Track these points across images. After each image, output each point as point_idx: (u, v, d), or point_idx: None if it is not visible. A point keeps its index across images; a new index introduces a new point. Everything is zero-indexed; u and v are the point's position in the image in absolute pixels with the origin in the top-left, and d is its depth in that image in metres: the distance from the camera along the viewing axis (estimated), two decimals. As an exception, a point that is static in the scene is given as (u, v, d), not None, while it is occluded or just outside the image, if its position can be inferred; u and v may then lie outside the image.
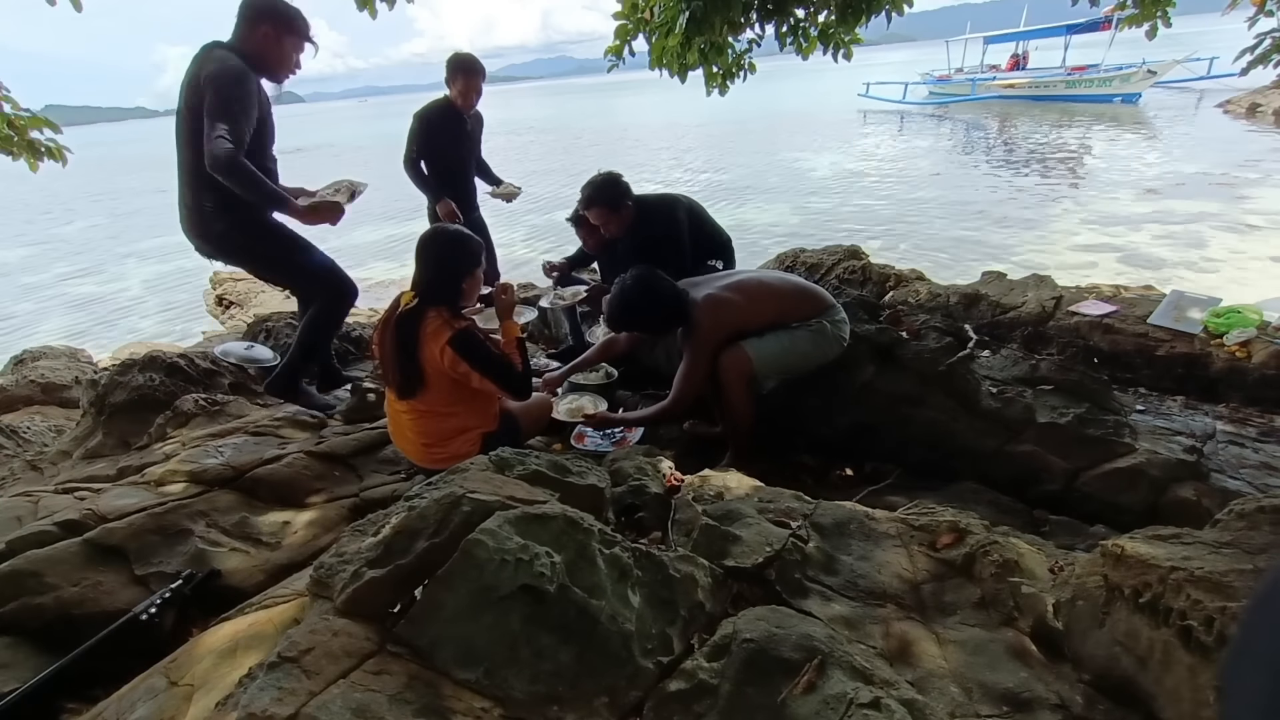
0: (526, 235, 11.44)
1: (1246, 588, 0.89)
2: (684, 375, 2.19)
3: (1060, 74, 22.98)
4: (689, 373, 2.19)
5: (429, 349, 1.88)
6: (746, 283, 2.28)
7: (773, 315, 2.24)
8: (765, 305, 2.24)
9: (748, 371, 2.18)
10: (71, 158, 3.54)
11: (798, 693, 0.96)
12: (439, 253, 1.96)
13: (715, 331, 2.18)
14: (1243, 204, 8.76)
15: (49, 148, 3.29)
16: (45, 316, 9.64)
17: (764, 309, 2.23)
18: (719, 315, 2.18)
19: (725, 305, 2.18)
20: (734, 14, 2.92)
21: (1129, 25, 3.46)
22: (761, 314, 2.23)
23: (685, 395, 2.20)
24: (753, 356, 2.18)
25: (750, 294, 2.23)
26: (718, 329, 2.18)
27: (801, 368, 2.29)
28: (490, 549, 1.04)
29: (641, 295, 2.19)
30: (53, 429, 3.39)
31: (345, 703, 0.87)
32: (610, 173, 2.85)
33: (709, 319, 2.18)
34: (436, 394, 1.95)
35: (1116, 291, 3.70)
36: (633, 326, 2.34)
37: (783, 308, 2.26)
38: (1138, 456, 2.02)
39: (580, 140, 27.31)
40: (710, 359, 2.19)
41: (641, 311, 2.22)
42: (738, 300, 2.20)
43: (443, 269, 1.96)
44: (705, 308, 2.19)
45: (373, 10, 2.46)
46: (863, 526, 1.44)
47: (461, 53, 3.40)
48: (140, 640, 1.45)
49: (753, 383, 2.24)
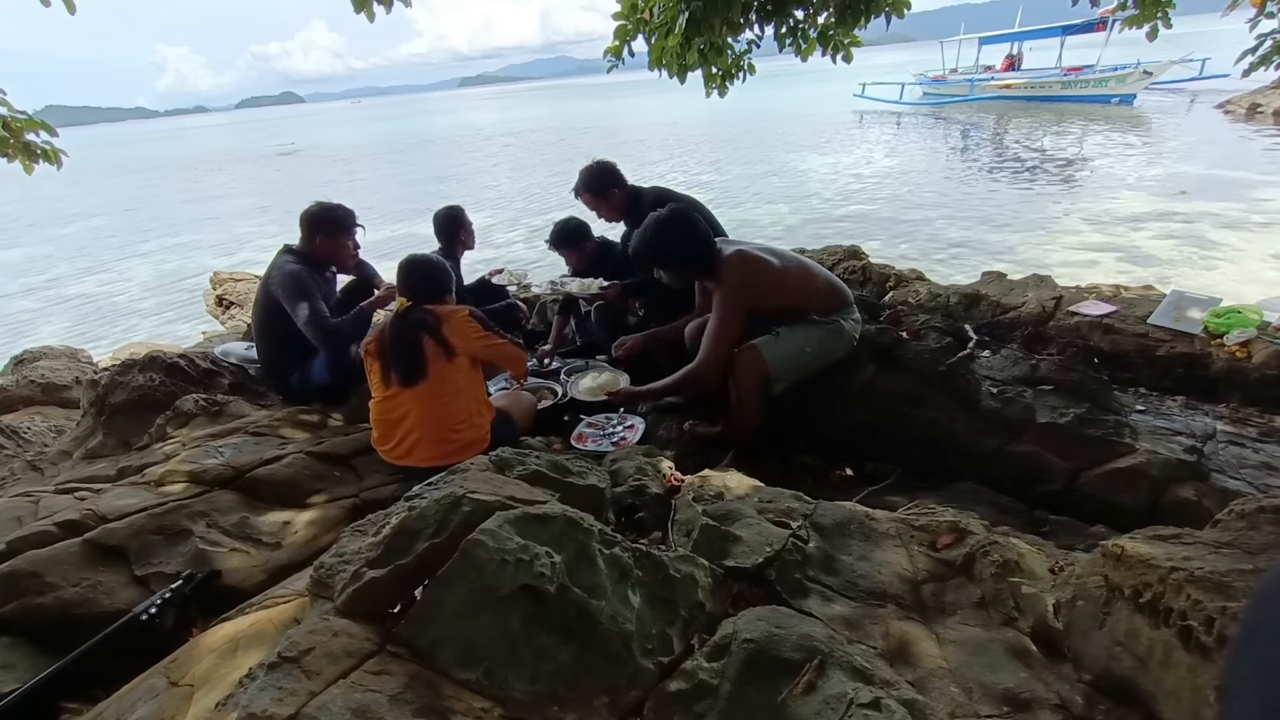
0: (527, 235, 11.48)
1: (1247, 588, 0.88)
2: (715, 334, 2.08)
3: (1056, 75, 23.01)
4: (720, 331, 2.07)
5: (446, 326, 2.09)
6: (780, 251, 2.22)
7: (798, 293, 2.17)
8: (794, 280, 2.16)
9: (763, 375, 2.15)
10: (72, 159, 3.54)
11: (798, 693, 0.96)
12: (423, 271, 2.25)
13: (745, 290, 2.08)
14: (1243, 204, 8.76)
15: (45, 150, 3.28)
16: (46, 316, 9.65)
17: (792, 283, 2.16)
18: (749, 272, 2.08)
19: (757, 264, 2.09)
20: (733, 15, 2.92)
21: (1129, 26, 3.45)
22: (788, 286, 2.14)
23: (716, 356, 2.08)
24: (768, 359, 2.14)
25: (784, 261, 2.16)
26: (746, 288, 2.08)
27: (814, 368, 2.25)
28: (490, 549, 1.04)
29: (675, 227, 2.11)
30: (53, 429, 3.39)
31: (345, 703, 0.87)
32: (600, 160, 2.89)
33: (738, 276, 2.08)
34: (437, 378, 2.07)
35: (1116, 291, 3.70)
36: (660, 261, 2.23)
37: (809, 290, 2.19)
38: (1138, 456, 2.02)
39: (580, 141, 27.32)
40: (742, 318, 2.08)
41: (673, 243, 2.13)
42: (772, 263, 2.11)
43: (431, 281, 2.23)
44: (736, 263, 2.09)
45: (370, 13, 2.45)
46: (863, 526, 1.44)
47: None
48: (140, 640, 1.45)
49: (766, 386, 2.20)
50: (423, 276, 2.22)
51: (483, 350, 2.18)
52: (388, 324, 2.15)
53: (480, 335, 2.16)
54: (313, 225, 2.63)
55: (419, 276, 2.22)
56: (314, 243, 2.64)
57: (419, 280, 2.21)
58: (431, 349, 2.06)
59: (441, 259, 2.36)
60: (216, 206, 19.29)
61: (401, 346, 2.07)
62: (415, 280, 2.21)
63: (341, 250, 2.70)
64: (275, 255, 2.65)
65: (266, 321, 2.62)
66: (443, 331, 2.08)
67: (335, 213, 2.66)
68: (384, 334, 2.13)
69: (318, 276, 2.63)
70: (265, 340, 2.70)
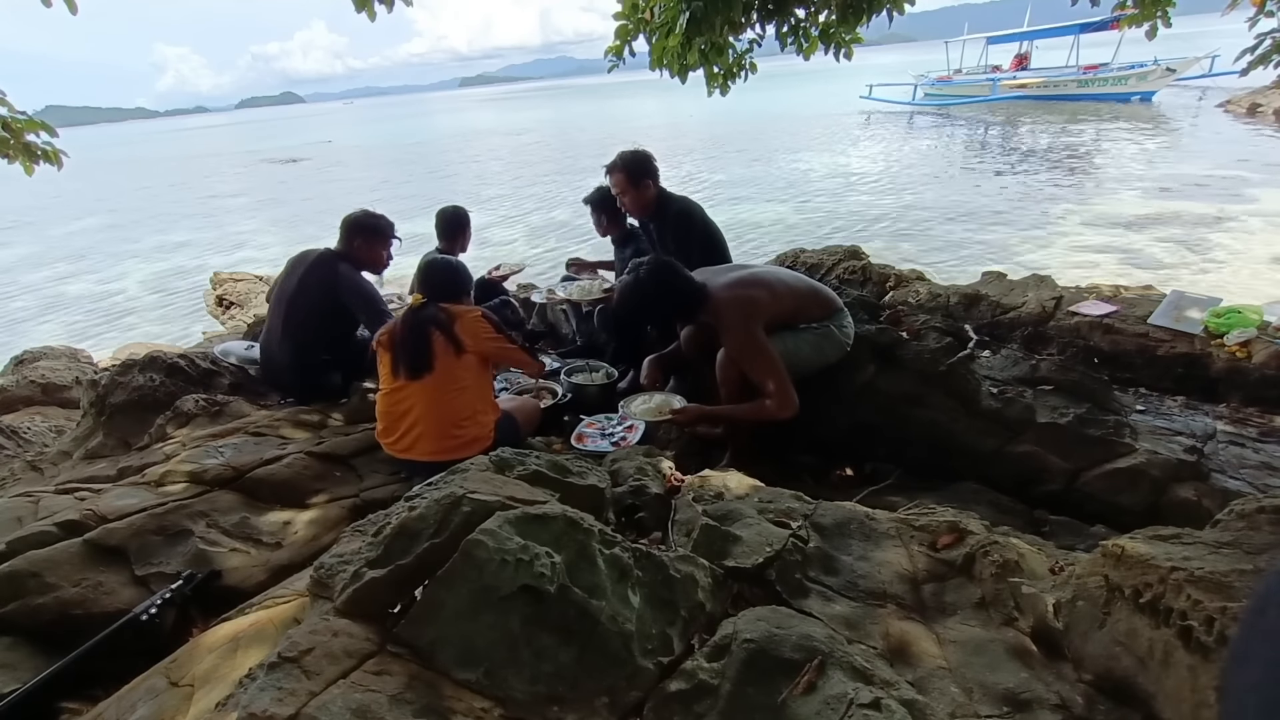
0: (528, 234, 11.49)
1: (1247, 588, 0.88)
2: (763, 369, 2.04)
3: (1072, 73, 22.64)
4: (764, 364, 2.04)
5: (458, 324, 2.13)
6: (765, 277, 2.23)
7: (790, 312, 2.20)
8: (785, 302, 2.19)
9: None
10: (73, 159, 3.54)
11: (798, 693, 0.96)
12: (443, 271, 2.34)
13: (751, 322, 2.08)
14: (1243, 204, 8.76)
15: (45, 151, 3.28)
16: (46, 317, 9.65)
17: (784, 306, 2.18)
18: (749, 314, 2.09)
19: (752, 303, 2.11)
20: (734, 14, 2.91)
21: (1129, 25, 3.45)
22: (782, 310, 2.17)
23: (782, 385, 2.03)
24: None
25: (773, 289, 2.18)
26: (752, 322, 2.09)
27: (804, 372, 2.24)
28: (490, 549, 1.04)
29: (656, 283, 2.12)
30: (53, 429, 3.39)
31: (345, 703, 0.87)
32: (644, 148, 2.87)
33: (740, 316, 2.08)
34: (444, 373, 2.10)
35: (1116, 291, 3.70)
36: (645, 318, 2.27)
37: (799, 305, 2.22)
38: (1138, 456, 2.02)
39: (581, 141, 27.32)
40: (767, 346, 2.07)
41: (656, 300, 2.14)
42: (762, 296, 2.13)
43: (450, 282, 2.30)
44: (733, 305, 2.10)
45: (371, 12, 2.45)
46: (863, 526, 1.44)
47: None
48: (140, 640, 1.45)
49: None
50: (442, 276, 2.31)
51: (493, 351, 2.22)
52: (400, 318, 2.19)
53: (491, 336, 2.19)
54: (354, 229, 2.73)
55: (438, 276, 2.31)
56: (352, 245, 2.72)
57: (438, 279, 2.29)
58: (441, 344, 2.09)
59: (461, 262, 2.44)
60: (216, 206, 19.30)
61: (411, 340, 2.11)
62: (434, 279, 2.30)
63: (377, 257, 2.81)
64: (316, 256, 2.70)
65: (315, 322, 2.65)
66: (454, 328, 2.12)
67: (378, 221, 2.78)
68: (396, 327, 2.17)
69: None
70: (308, 339, 2.68)
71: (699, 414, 2.25)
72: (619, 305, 2.26)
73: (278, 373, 2.79)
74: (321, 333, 2.67)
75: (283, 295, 2.67)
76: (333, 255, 2.71)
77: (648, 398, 2.44)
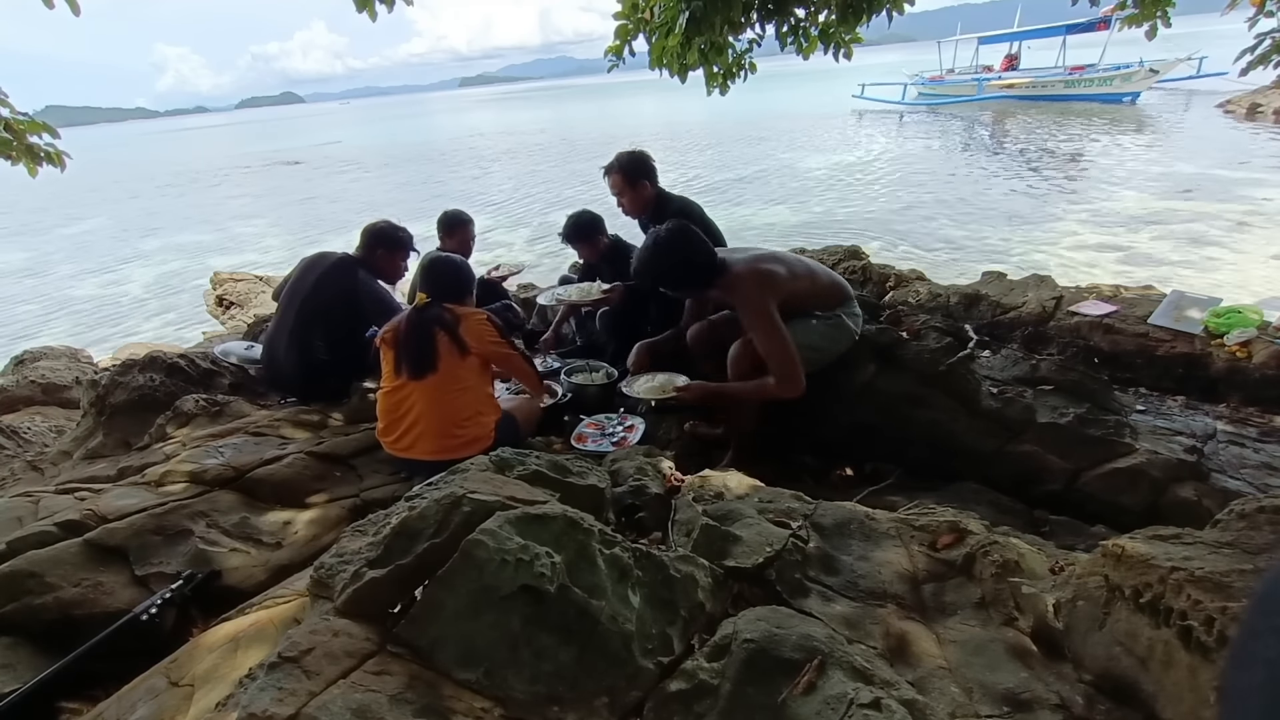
0: (528, 237, 11.48)
1: (1247, 588, 0.88)
2: (773, 348, 2.02)
3: (1059, 74, 22.97)
4: (775, 344, 2.01)
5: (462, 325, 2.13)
6: (784, 257, 2.22)
7: (805, 293, 2.17)
8: (802, 283, 2.17)
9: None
10: (74, 159, 3.54)
11: (798, 693, 0.96)
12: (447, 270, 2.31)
13: (766, 299, 2.05)
14: (1243, 204, 8.76)
15: (48, 152, 3.28)
16: (46, 317, 9.65)
17: (800, 286, 2.16)
18: (765, 286, 2.07)
19: (770, 276, 2.09)
20: (734, 14, 2.92)
21: (1129, 25, 3.45)
22: (797, 290, 2.14)
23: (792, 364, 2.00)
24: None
25: (791, 268, 2.16)
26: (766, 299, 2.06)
27: (816, 364, 2.20)
28: (490, 549, 1.04)
29: (674, 246, 2.09)
30: (53, 429, 3.39)
31: (345, 703, 0.87)
32: (642, 149, 2.87)
33: (756, 290, 2.05)
34: (447, 373, 2.09)
35: (1116, 291, 3.70)
36: (661, 280, 2.21)
37: (815, 289, 2.20)
38: (1138, 456, 2.02)
39: (581, 142, 27.32)
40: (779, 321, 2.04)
41: (674, 262, 2.11)
42: (780, 272, 2.11)
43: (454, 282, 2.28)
44: (751, 278, 2.07)
45: (372, 12, 2.45)
46: (863, 526, 1.44)
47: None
48: (140, 640, 1.45)
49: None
50: (446, 275, 2.28)
51: (496, 355, 2.22)
52: (405, 316, 2.18)
53: (495, 340, 2.19)
54: (376, 239, 2.79)
55: (442, 275, 2.28)
56: (373, 254, 2.78)
57: (442, 278, 2.26)
58: (445, 344, 2.09)
59: (466, 261, 2.41)
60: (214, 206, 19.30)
61: (415, 339, 2.10)
62: (438, 278, 2.27)
63: (395, 267, 2.88)
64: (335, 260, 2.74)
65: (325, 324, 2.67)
66: (458, 329, 2.11)
67: (400, 233, 2.85)
68: (400, 325, 2.16)
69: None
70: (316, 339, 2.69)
71: (703, 390, 2.23)
72: (637, 262, 2.20)
73: (282, 371, 2.79)
74: (329, 334, 2.69)
75: (295, 295, 2.67)
76: (353, 261, 2.74)
77: (650, 377, 2.43)
